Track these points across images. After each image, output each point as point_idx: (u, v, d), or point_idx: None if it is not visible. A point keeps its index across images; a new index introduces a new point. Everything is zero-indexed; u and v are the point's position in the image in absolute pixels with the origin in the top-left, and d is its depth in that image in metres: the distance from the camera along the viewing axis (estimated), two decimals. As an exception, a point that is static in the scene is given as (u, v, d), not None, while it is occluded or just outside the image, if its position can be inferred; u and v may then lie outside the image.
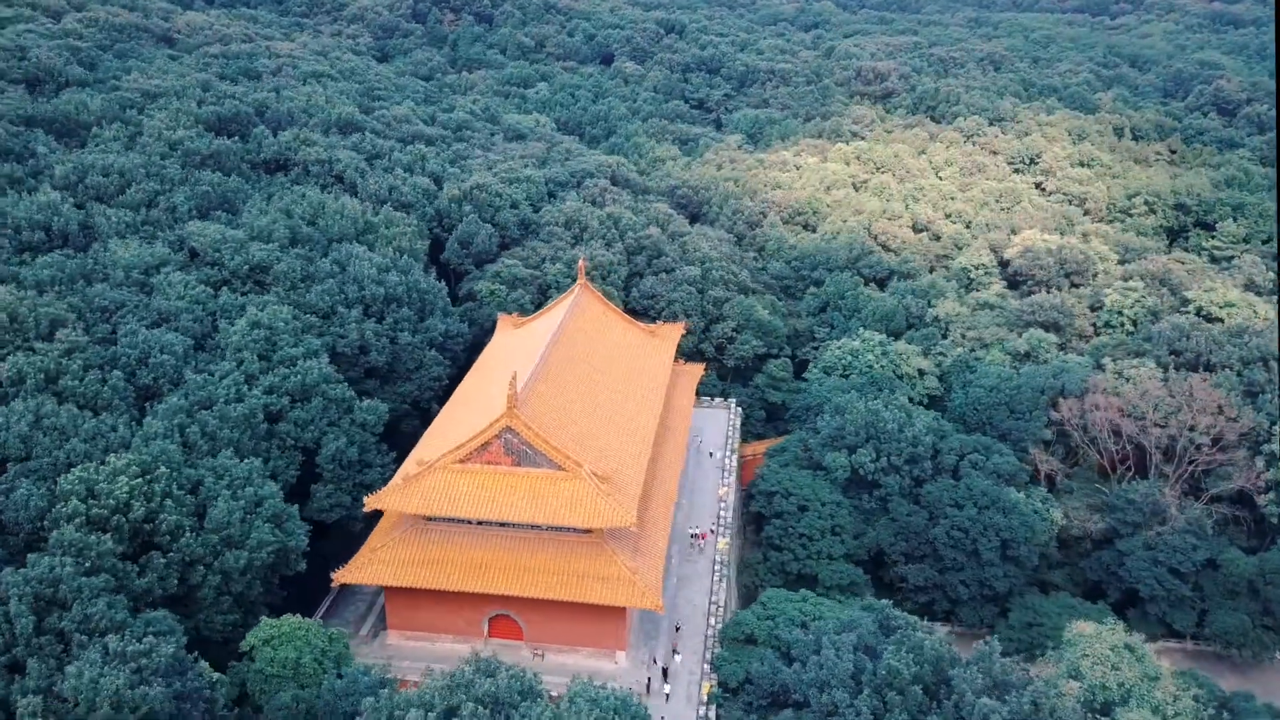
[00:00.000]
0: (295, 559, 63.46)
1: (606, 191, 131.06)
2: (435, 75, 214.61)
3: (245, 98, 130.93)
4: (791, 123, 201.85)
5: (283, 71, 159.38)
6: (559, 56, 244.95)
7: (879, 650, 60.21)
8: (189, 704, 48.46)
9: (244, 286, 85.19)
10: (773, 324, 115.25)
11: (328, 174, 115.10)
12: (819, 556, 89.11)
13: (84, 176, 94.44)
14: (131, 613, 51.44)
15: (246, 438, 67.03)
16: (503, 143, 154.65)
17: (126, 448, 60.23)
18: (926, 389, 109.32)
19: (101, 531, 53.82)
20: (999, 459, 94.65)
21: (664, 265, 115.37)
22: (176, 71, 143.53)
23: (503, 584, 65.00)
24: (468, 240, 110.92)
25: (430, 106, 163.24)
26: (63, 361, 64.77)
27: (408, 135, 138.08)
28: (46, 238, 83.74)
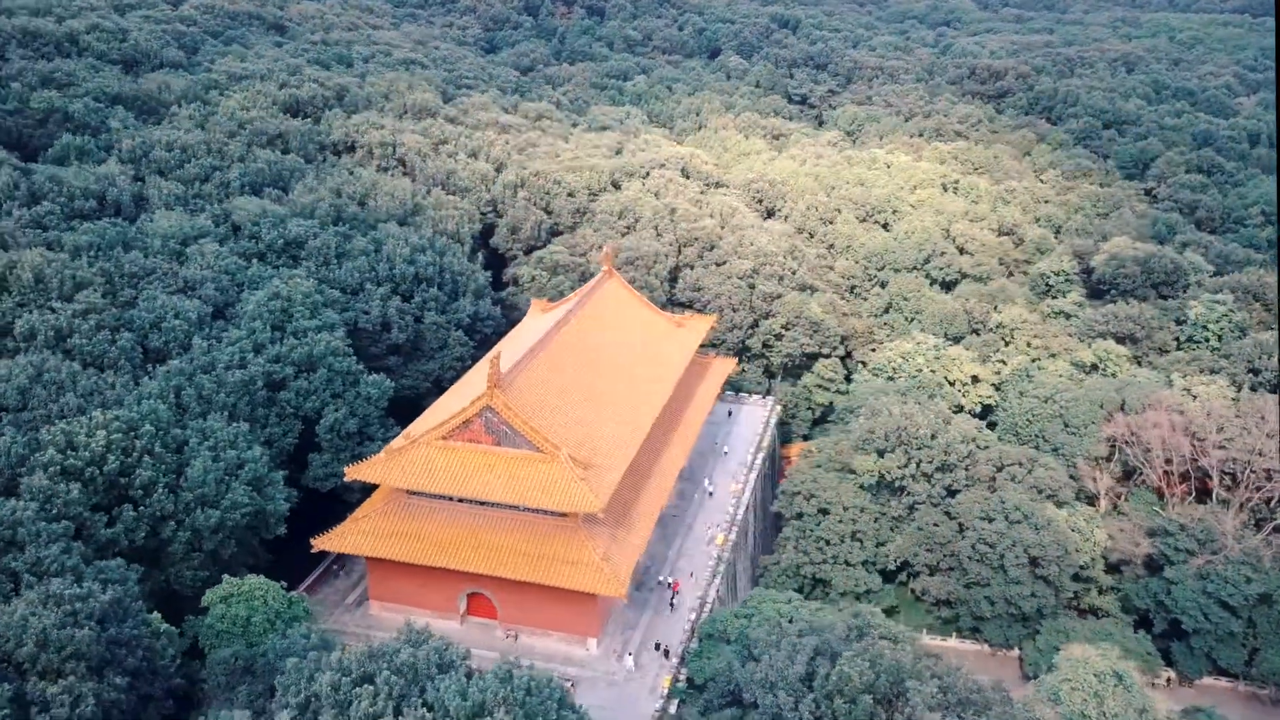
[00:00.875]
0: (275, 523, 65.49)
1: (672, 183, 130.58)
2: (537, 66, 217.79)
3: (328, 82, 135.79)
4: (892, 120, 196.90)
5: (375, 58, 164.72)
6: (665, 50, 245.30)
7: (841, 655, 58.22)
8: (125, 650, 50.56)
9: (278, 260, 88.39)
10: (825, 323, 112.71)
11: (390, 157, 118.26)
12: (835, 561, 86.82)
13: (148, 151, 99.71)
14: (91, 559, 53.98)
15: (243, 403, 69.53)
16: (581, 133, 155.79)
17: (120, 405, 63.29)
18: (979, 397, 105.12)
19: (75, 481, 56.70)
20: (1042, 472, 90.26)
21: (716, 258, 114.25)
22: (271, 56, 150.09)
23: (475, 562, 65.60)
24: (517, 226, 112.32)
25: (514, 96, 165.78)
26: (75, 321, 68.61)
27: (481, 122, 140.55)
28: (99, 206, 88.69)
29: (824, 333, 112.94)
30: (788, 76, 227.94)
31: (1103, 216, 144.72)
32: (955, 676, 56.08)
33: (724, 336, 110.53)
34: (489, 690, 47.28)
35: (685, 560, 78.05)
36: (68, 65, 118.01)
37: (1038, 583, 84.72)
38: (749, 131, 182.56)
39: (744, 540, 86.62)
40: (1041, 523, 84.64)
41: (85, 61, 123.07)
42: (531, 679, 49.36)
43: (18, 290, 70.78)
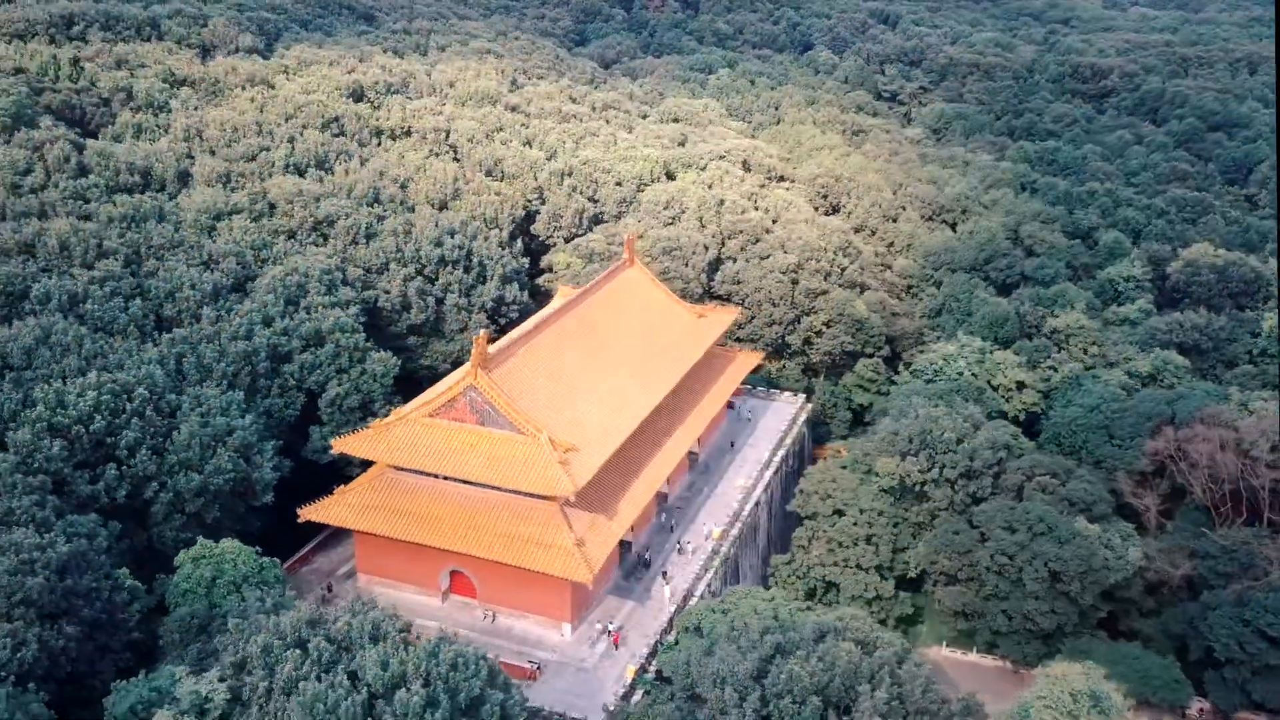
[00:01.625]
0: (262, 490, 67.23)
1: (728, 175, 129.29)
2: (621, 60, 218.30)
3: (395, 69, 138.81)
4: (981, 118, 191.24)
5: (450, 47, 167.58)
6: (755, 44, 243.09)
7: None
8: (82, 601, 52.67)
9: (307, 238, 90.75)
10: (870, 321, 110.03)
11: (443, 142, 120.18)
12: (846, 565, 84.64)
13: (201, 131, 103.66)
14: (66, 513, 56.32)
15: (244, 373, 71.61)
16: (651, 124, 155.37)
17: (120, 369, 65.90)
18: (1024, 404, 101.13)
19: (60, 438, 59.30)
20: (1076, 485, 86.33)
21: (760, 251, 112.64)
22: (348, 44, 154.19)
23: (454, 540, 66.16)
24: (559, 213, 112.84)
25: (585, 87, 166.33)
26: (90, 288, 71.77)
27: (544, 111, 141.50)
28: (143, 182, 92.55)
29: (867, 332, 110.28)
30: (878, 72, 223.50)
31: (1190, 222, 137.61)
32: (915, 686, 54.13)
33: (761, 332, 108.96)
34: (410, 662, 47.60)
35: (682, 553, 77.08)
36: (143, 49, 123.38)
37: (1059, 599, 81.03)
38: (827, 127, 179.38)
39: (752, 537, 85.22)
40: (1066, 536, 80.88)
41: (164, 45, 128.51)
42: (460, 655, 49.52)
43: (43, 256, 74.39)
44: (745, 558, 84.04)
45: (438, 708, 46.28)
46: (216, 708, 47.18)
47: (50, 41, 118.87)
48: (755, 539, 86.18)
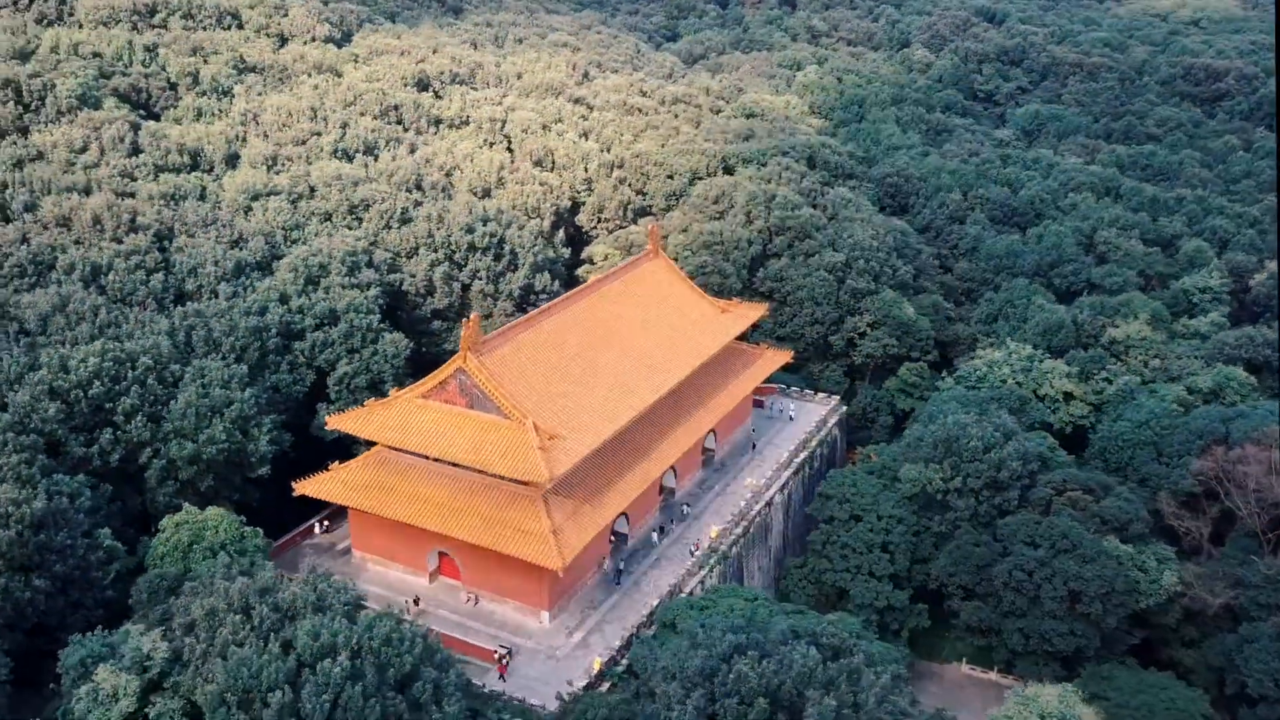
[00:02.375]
0: (257, 462, 69.10)
1: (788, 170, 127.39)
2: (708, 55, 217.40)
3: (464, 60, 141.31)
4: (1077, 120, 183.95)
5: (529, 40, 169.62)
6: (850, 42, 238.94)
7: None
8: (56, 556, 55.09)
9: (343, 220, 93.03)
10: (917, 324, 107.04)
11: (498, 132, 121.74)
12: (857, 572, 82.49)
13: (258, 114, 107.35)
14: (52, 471, 59.00)
15: (253, 349, 73.77)
16: (724, 118, 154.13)
17: (130, 338, 68.71)
18: (1071, 416, 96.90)
19: (58, 401, 62.17)
20: (1112, 502, 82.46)
21: (807, 249, 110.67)
22: (427, 34, 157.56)
23: (437, 521, 66.86)
24: (602, 205, 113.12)
25: (659, 80, 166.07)
26: (115, 260, 74.98)
27: (609, 103, 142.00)
28: (191, 162, 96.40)
29: (914, 335, 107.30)
30: (975, 71, 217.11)
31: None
32: (870, 694, 52.49)
33: (802, 331, 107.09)
34: (341, 634, 48.35)
35: (678, 548, 76.27)
36: (220, 36, 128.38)
37: (1078, 620, 77.49)
38: (910, 126, 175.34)
39: (763, 538, 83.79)
40: (1091, 555, 77.25)
41: (242, 34, 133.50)
42: (395, 631, 50.13)
43: (77, 229, 78.08)
44: (754, 558, 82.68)
45: (361, 679, 46.90)
46: (156, 665, 48.81)
47: (133, 29, 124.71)
48: (766, 540, 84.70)
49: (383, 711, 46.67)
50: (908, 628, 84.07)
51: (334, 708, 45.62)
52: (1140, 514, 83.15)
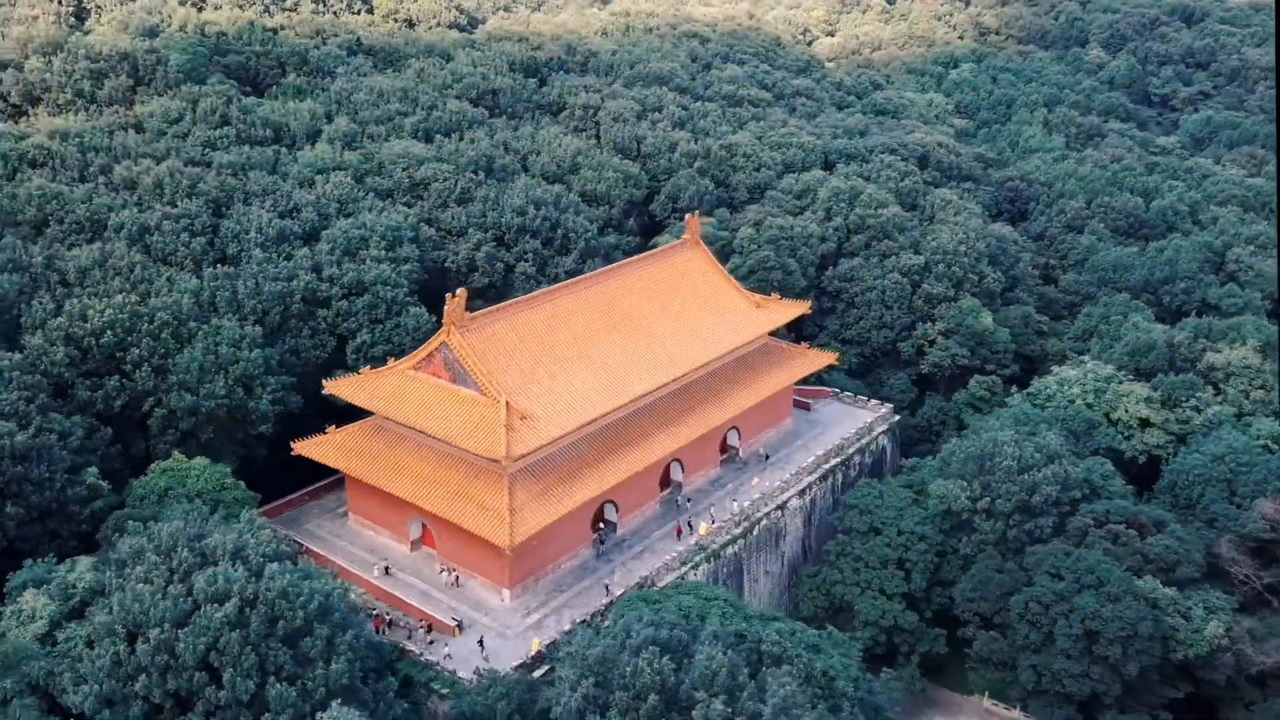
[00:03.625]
0: (258, 420, 72.90)
1: (889, 169, 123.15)
2: (863, 49, 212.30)
3: (579, 47, 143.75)
4: (1255, 129, 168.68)
5: (658, 30, 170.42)
6: (1020, 39, 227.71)
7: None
8: (33, 487, 60.00)
9: (403, 197, 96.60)
10: (994, 336, 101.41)
11: (589, 119, 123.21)
12: (866, 587, 79.16)
13: (351, 94, 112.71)
14: (50, 409, 64.28)
15: (275, 312, 77.85)
16: (843, 114, 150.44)
17: (156, 294, 73.89)
18: (1145, 444, 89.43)
19: (71, 346, 67.64)
20: (1160, 541, 75.90)
21: (884, 249, 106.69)
22: (557, 20, 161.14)
23: (410, 490, 68.82)
24: (676, 195, 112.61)
25: (784, 73, 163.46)
26: (163, 222, 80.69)
27: (719, 94, 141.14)
28: (274, 136, 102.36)
29: (990, 347, 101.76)
30: (1153, 73, 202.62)
31: None
32: (773, 703, 50.69)
33: (868, 335, 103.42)
34: (236, 583, 50.58)
35: (667, 542, 75.35)
36: (345, 19, 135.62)
37: (1095, 663, 71.61)
38: (1057, 129, 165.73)
39: (772, 543, 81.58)
40: (1117, 593, 71.37)
41: (369, 18, 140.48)
42: (293, 584, 51.93)
43: (140, 192, 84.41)
44: (760, 562, 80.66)
45: (245, 628, 48.96)
46: (77, 594, 52.51)
47: (264, 11, 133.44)
48: (777, 545, 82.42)
49: (260, 660, 48.58)
50: (919, 651, 80.00)
51: (209, 650, 47.84)
52: (1193, 556, 76.07)
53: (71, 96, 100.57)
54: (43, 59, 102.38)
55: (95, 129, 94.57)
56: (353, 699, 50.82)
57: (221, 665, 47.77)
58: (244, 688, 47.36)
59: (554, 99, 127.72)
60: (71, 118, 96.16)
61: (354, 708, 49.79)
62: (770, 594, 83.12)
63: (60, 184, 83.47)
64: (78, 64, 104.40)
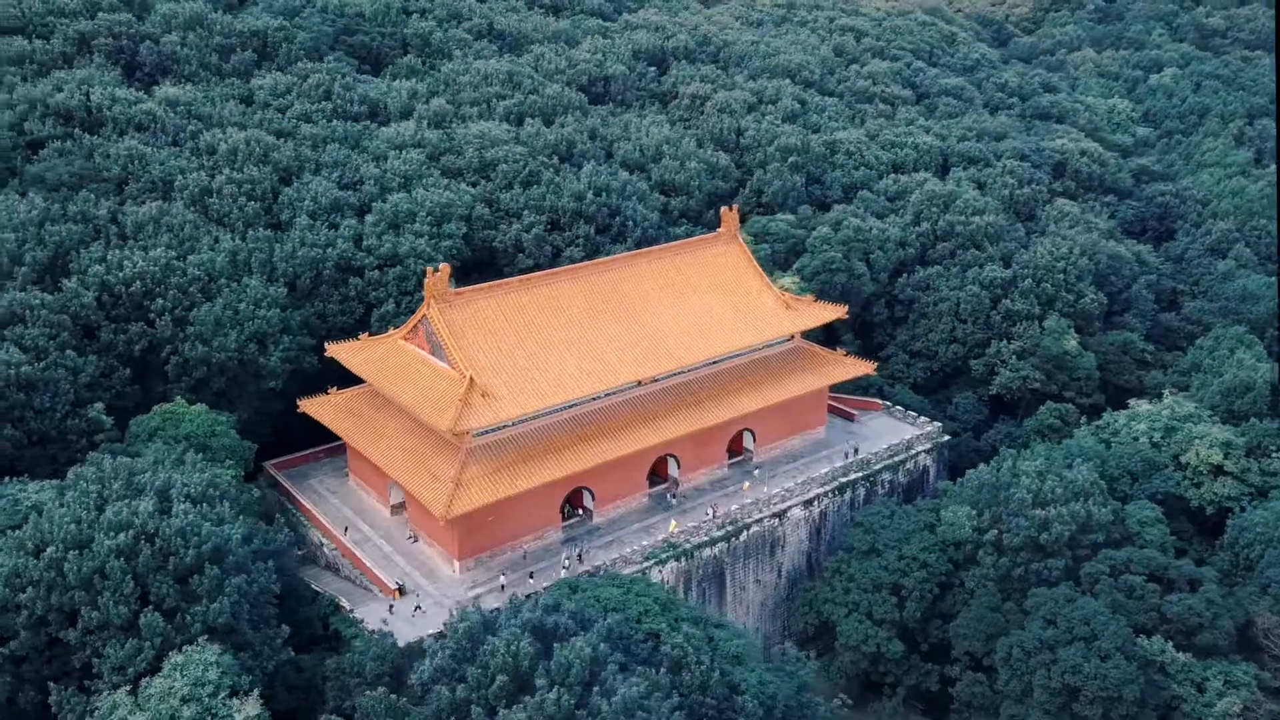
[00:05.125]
0: (268, 375, 78.08)
1: (1009, 175, 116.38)
2: (1056, 51, 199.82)
3: (714, 39, 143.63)
4: None
5: (815, 23, 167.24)
6: (1250, 44, 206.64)
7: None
8: (34, 415, 67.12)
9: (471, 177, 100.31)
10: (1076, 361, 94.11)
11: (694, 109, 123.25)
12: (853, 609, 75.97)
13: (458, 76, 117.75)
14: (68, 346, 71.45)
15: (306, 277, 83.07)
16: (978, 115, 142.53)
17: (196, 252, 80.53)
18: (1215, 494, 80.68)
19: (108, 294, 74.90)
20: (1183, 599, 68.98)
21: (969, 259, 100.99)
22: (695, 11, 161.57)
23: (381, 455, 72.11)
24: (761, 189, 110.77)
25: (937, 70, 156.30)
26: (225, 185, 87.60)
27: (851, 90, 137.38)
28: (369, 113, 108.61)
29: (1070, 372, 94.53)
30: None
31: None
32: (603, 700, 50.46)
33: (937, 349, 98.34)
34: (139, 519, 54.86)
35: (638, 536, 74.98)
36: (487, 5, 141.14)
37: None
38: (1250, 143, 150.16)
39: (765, 552, 79.59)
40: (1109, 650, 65.44)
41: (511, 3, 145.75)
42: (192, 524, 55.76)
43: (215, 158, 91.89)
44: (747, 569, 78.91)
45: (133, 559, 53.12)
46: (21, 511, 58.47)
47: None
48: (772, 555, 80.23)
49: (143, 590, 52.74)
50: (905, 685, 75.99)
51: (95, 574, 52.32)
52: (1220, 623, 68.61)
53: (196, 68, 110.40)
54: (180, 34, 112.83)
55: (205, 98, 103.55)
56: (229, 640, 54.11)
57: (103, 589, 52.15)
58: (117, 612, 51.50)
59: (668, 88, 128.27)
60: (190, 88, 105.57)
61: (228, 648, 53.51)
62: (762, 604, 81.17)
63: (149, 146, 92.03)
64: (211, 39, 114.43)
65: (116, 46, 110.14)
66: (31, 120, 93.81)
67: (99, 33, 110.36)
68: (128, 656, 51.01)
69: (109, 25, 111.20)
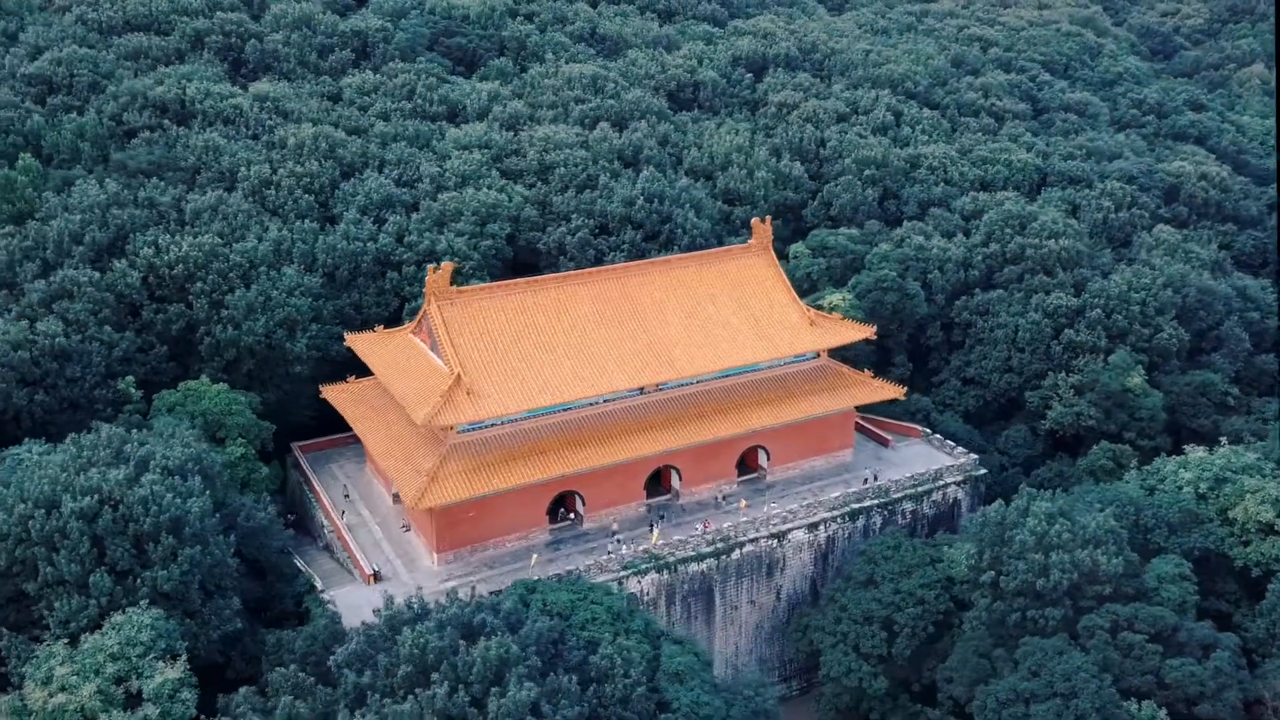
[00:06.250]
0: (294, 360, 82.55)
1: (1107, 198, 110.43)
2: (1224, 65, 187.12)
3: (821, 45, 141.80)
4: None
5: (941, 31, 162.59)
6: None
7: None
8: (64, 383, 73.28)
9: (530, 179, 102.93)
10: (1139, 400, 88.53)
11: (779, 117, 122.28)
12: (840, 639, 74.14)
13: (540, 81, 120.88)
14: (109, 322, 77.72)
15: (344, 269, 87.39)
16: (1112, 135, 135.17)
17: (241, 239, 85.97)
18: (1264, 554, 74.47)
19: (152, 275, 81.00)
20: (1184, 664, 64.43)
21: (1036, 285, 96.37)
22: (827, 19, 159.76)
23: (375, 442, 75.52)
24: (830, 201, 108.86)
25: (1063, 84, 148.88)
26: (284, 179, 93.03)
27: (957, 103, 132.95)
28: (449, 113, 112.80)
29: (1132, 412, 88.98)
30: None
31: None
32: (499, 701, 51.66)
33: (989, 377, 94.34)
34: (104, 484, 59.22)
35: (626, 545, 75.36)
36: (596, 10, 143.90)
37: (1041, 785, 62.35)
38: None
39: (761, 573, 78.55)
40: (1084, 711, 61.68)
41: (619, 8, 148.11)
42: (155, 495, 59.81)
43: (283, 151, 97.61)
44: (740, 589, 78.09)
45: (93, 522, 57.53)
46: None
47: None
48: (769, 576, 79.05)
49: (99, 552, 57.14)
50: None
51: (56, 532, 56.99)
52: (1227, 695, 63.59)
53: (294, 65, 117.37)
54: (285, 33, 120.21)
55: (293, 94, 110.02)
56: (177, 606, 58.00)
57: (61, 546, 56.76)
58: (70, 570, 56.02)
59: (759, 95, 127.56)
60: (282, 85, 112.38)
61: (177, 614, 57.49)
62: (758, 626, 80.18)
63: (227, 139, 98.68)
64: (315, 38, 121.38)
65: (226, 44, 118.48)
66: (130, 111, 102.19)
67: (213, 30, 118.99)
68: (73, 611, 55.43)
69: (223, 24, 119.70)
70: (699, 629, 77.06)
